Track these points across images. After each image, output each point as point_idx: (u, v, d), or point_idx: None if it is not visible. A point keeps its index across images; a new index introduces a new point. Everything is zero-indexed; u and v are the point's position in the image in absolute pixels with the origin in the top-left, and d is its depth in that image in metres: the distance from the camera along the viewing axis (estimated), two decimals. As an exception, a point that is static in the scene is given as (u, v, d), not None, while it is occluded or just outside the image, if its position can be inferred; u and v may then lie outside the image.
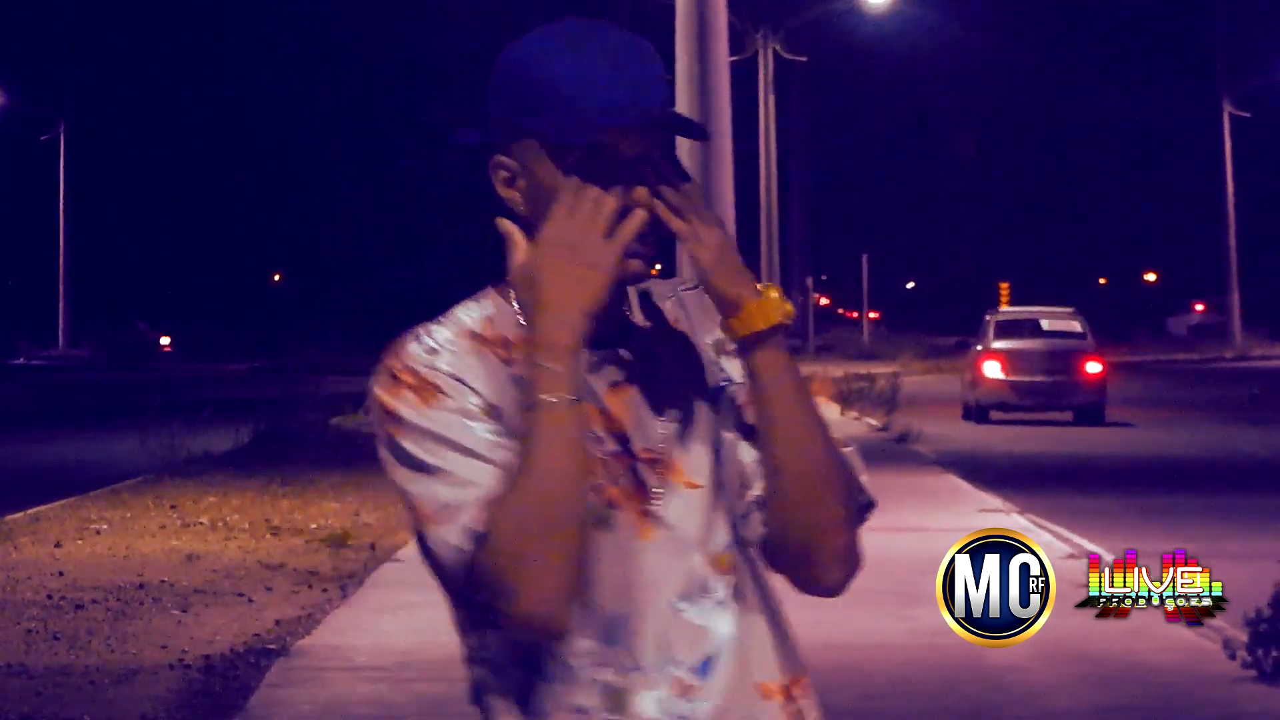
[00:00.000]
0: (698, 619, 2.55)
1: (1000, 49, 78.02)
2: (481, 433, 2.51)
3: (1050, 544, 14.04)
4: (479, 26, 67.39)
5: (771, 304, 2.53)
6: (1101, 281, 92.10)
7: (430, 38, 69.97)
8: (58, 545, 14.34)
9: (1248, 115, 62.30)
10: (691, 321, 2.67)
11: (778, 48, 49.83)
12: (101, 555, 13.83)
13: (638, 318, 2.64)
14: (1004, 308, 35.50)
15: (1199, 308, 78.14)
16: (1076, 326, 31.15)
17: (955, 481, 19.37)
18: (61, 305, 62.95)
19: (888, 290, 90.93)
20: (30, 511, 16.37)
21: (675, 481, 2.57)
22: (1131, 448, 24.64)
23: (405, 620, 10.83)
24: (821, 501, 2.56)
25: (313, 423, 24.28)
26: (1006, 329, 30.73)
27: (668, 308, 2.67)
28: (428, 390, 2.53)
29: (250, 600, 11.89)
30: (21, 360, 55.92)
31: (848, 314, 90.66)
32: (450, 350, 2.56)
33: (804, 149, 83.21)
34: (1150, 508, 17.39)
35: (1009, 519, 16.12)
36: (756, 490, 2.60)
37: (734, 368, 2.64)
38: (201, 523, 15.59)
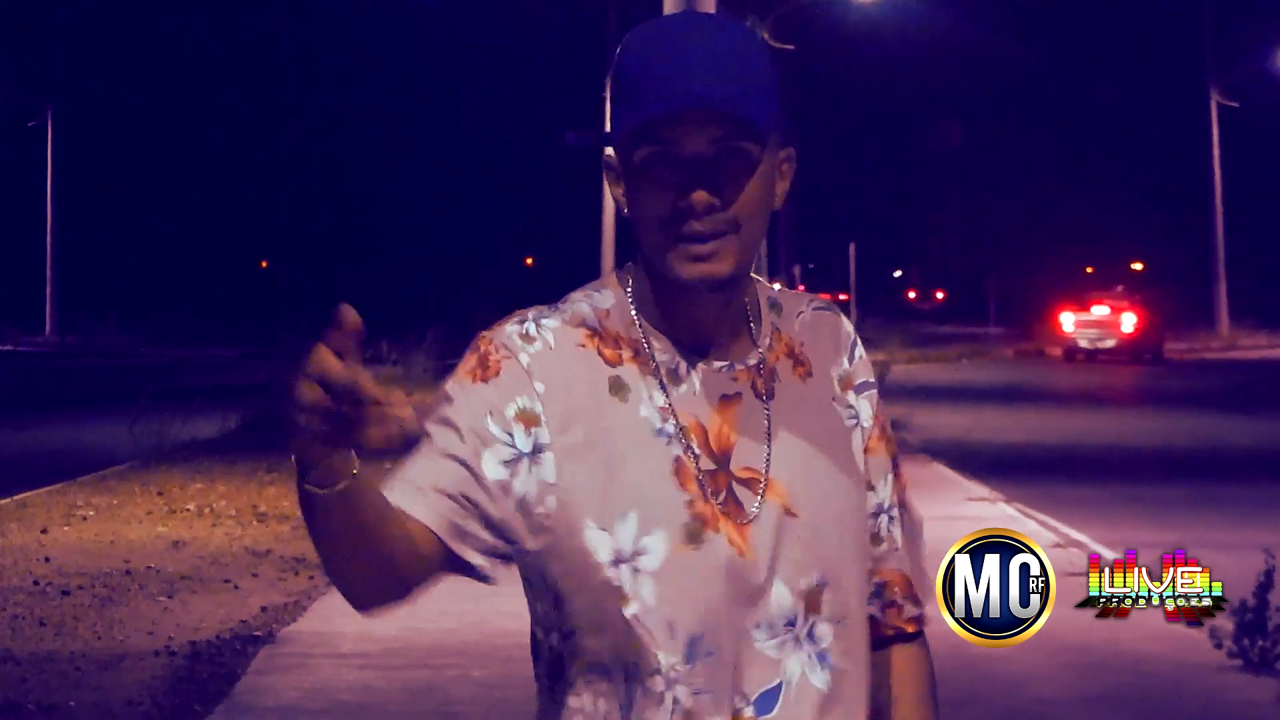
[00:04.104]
0: (771, 651, 2.45)
1: (988, 38, 78.04)
2: (492, 429, 2.38)
3: (1037, 533, 14.06)
4: (467, 15, 67.33)
5: None
6: (1088, 270, 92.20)
7: (422, 27, 69.93)
8: (44, 531, 14.31)
9: (1235, 105, 62.32)
10: (816, 346, 2.55)
11: (765, 35, 49.86)
12: (88, 541, 13.81)
13: (763, 332, 2.51)
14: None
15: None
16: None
17: (942, 470, 19.37)
18: (49, 291, 62.80)
19: (876, 278, 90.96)
20: (17, 497, 16.34)
21: (774, 503, 2.45)
22: (1118, 437, 24.65)
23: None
24: None
25: (300, 409, 24.19)
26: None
27: (794, 327, 2.55)
28: (489, 368, 2.41)
29: (236, 587, 11.88)
30: (9, 346, 55.78)
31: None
32: (548, 344, 2.42)
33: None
34: (1137, 497, 17.41)
35: (996, 508, 16.13)
36: (877, 561, 2.60)
37: (863, 407, 2.58)
38: (188, 509, 15.56)
